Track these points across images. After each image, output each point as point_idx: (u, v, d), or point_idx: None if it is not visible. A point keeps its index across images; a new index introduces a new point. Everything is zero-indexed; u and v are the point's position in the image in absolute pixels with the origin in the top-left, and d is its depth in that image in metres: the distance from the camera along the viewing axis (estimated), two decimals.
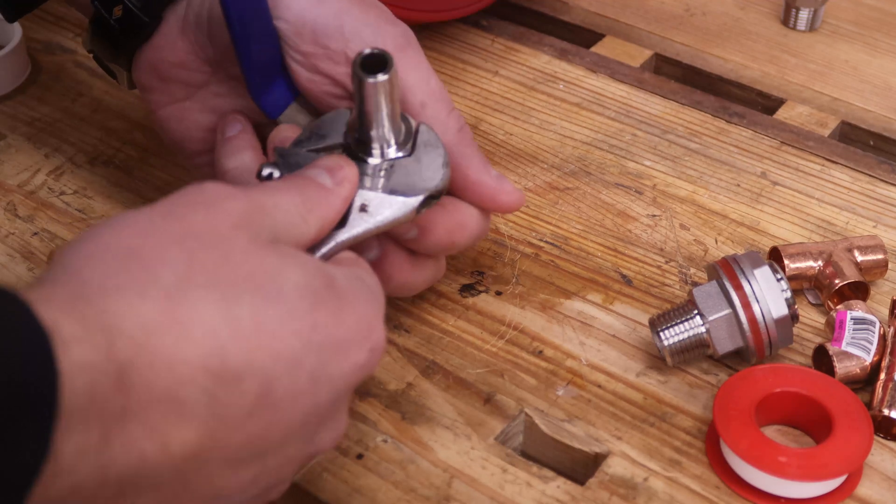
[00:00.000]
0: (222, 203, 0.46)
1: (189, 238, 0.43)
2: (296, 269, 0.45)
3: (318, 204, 0.50)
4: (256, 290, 0.43)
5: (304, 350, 0.44)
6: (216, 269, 0.43)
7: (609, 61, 0.84)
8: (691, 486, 0.56)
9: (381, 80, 0.52)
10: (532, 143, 0.77)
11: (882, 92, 0.82)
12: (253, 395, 0.43)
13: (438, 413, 0.59)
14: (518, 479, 0.56)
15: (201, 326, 0.42)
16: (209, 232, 0.44)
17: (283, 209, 0.48)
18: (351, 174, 0.52)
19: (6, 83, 0.80)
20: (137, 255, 0.42)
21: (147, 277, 0.42)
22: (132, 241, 0.43)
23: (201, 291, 0.42)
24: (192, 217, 0.45)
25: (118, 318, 0.40)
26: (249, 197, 0.47)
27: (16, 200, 0.72)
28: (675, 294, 0.66)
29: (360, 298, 0.47)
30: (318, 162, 0.53)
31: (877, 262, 0.66)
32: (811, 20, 0.88)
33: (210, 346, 0.41)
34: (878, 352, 0.60)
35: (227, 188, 0.47)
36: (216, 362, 0.41)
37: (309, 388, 0.45)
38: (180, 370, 0.41)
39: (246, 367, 0.42)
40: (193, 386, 0.41)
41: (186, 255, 0.43)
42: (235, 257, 0.44)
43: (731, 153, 0.76)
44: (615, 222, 0.71)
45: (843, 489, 0.56)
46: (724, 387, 0.58)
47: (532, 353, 0.63)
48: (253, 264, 0.44)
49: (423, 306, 0.65)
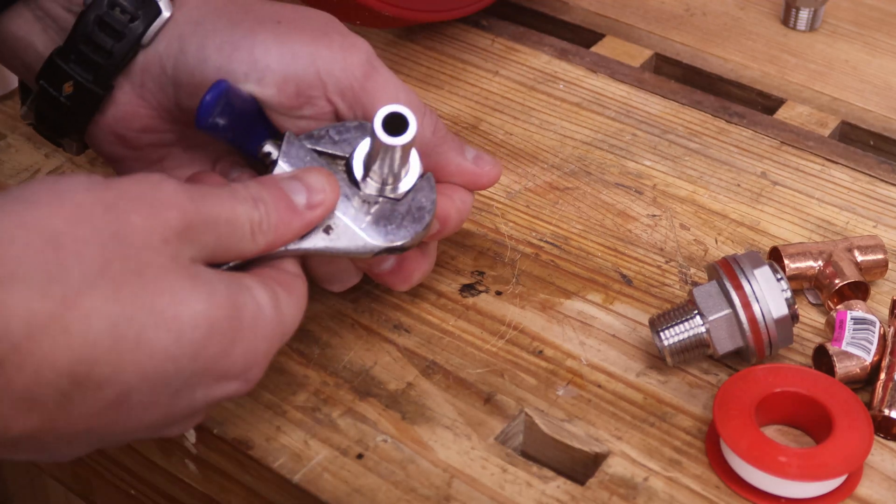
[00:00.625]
0: (166, 211, 0.46)
1: (114, 241, 0.44)
2: (202, 300, 0.46)
3: (275, 227, 0.51)
4: (154, 312, 0.44)
5: (174, 375, 0.46)
6: (123, 283, 0.44)
7: (609, 61, 0.84)
8: (691, 486, 0.56)
9: (401, 143, 0.53)
10: (532, 143, 0.77)
11: (882, 92, 0.82)
12: (107, 401, 0.44)
13: (438, 413, 0.59)
14: (518, 479, 0.56)
15: (83, 335, 0.43)
16: (136, 240, 0.45)
17: (235, 225, 0.49)
18: (328, 201, 0.53)
19: (6, 83, 0.80)
20: (58, 244, 0.43)
21: (56, 271, 0.43)
22: (62, 225, 0.44)
23: (99, 300, 0.43)
24: (130, 218, 0.45)
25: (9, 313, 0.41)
26: (198, 210, 0.47)
27: None
28: (675, 294, 0.66)
29: (257, 332, 0.48)
30: (303, 175, 0.53)
31: (877, 262, 0.66)
32: (811, 20, 0.88)
33: (84, 354, 0.43)
34: (878, 352, 0.60)
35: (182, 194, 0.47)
36: (83, 369, 0.43)
37: (167, 403, 0.46)
38: (45, 374, 0.42)
39: (109, 379, 0.44)
40: (52, 388, 0.43)
41: (102, 259, 0.44)
42: (148, 275, 0.45)
43: (731, 153, 0.76)
44: (615, 222, 0.71)
45: (843, 489, 0.56)
46: (724, 387, 0.58)
47: (532, 353, 0.63)
48: (161, 286, 0.45)
49: (423, 306, 0.65)
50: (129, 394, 0.45)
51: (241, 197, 0.50)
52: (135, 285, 0.44)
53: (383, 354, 0.62)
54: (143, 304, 0.44)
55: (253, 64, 0.57)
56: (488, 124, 0.78)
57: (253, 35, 0.57)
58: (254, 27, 0.58)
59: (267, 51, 0.57)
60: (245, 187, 0.50)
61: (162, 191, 0.47)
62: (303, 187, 0.52)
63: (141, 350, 0.44)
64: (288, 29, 0.58)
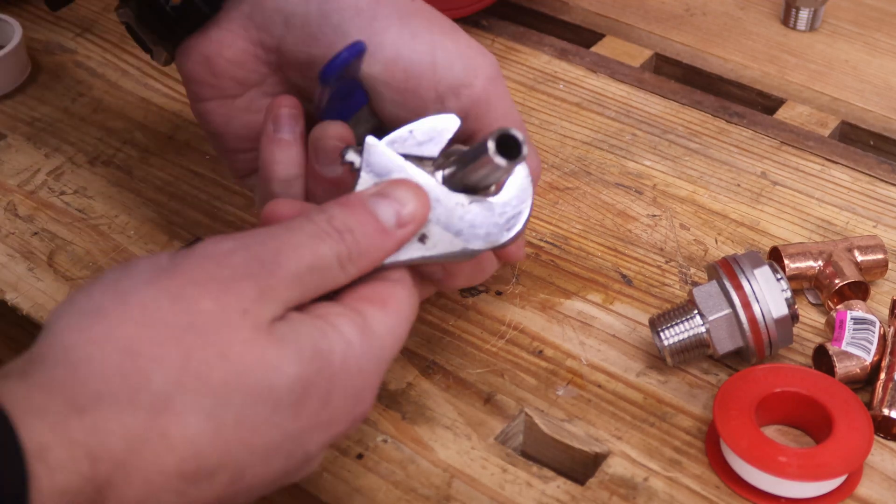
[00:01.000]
0: (238, 285, 0.44)
1: (190, 333, 0.43)
2: (291, 362, 0.44)
3: (366, 252, 0.48)
4: (247, 390, 0.43)
5: (282, 439, 0.45)
6: (210, 371, 0.43)
7: (609, 61, 0.84)
8: (691, 486, 0.56)
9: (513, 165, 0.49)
10: (532, 143, 0.77)
11: (882, 92, 0.82)
12: (222, 486, 0.44)
13: (438, 413, 0.59)
14: (518, 479, 0.56)
15: (183, 435, 0.42)
16: (212, 325, 0.43)
17: (320, 266, 0.46)
18: (419, 216, 0.50)
19: (6, 83, 0.80)
20: (135, 353, 0.42)
21: (140, 381, 0.42)
22: (133, 332, 0.42)
23: (190, 398, 0.42)
24: (201, 305, 0.44)
25: (105, 434, 0.41)
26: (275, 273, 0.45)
27: (16, 200, 0.72)
28: (675, 294, 0.66)
29: (351, 372, 0.46)
30: (390, 190, 0.50)
31: (877, 262, 0.66)
32: (811, 20, 0.88)
33: (188, 451, 0.42)
34: (878, 352, 0.60)
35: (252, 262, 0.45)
36: (191, 466, 0.42)
37: (282, 464, 0.46)
38: (155, 481, 0.42)
39: (219, 465, 0.43)
40: (166, 491, 0.42)
41: (182, 356, 0.42)
42: (233, 353, 0.43)
43: (731, 153, 0.76)
44: (615, 222, 0.71)
45: (843, 489, 0.56)
46: (724, 387, 0.58)
47: (532, 353, 0.63)
48: (249, 361, 0.44)
49: (423, 306, 0.65)
50: (242, 471, 0.44)
51: (324, 233, 0.47)
52: (222, 370, 0.43)
53: None
54: (235, 386, 0.43)
55: (369, 34, 0.55)
56: None
57: (378, 6, 0.56)
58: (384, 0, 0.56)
59: (388, 25, 0.55)
60: (328, 218, 0.47)
61: (229, 266, 0.45)
62: (391, 204, 0.49)
63: (243, 429, 0.43)
64: (419, 12, 0.57)
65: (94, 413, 0.41)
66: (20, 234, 0.69)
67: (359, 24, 0.55)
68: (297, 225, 0.47)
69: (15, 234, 0.69)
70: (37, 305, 0.65)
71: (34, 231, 0.70)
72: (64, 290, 0.66)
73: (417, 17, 0.56)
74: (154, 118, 0.78)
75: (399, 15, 0.56)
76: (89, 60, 0.83)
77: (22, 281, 0.66)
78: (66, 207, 0.71)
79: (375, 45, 0.55)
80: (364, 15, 0.56)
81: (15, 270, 0.67)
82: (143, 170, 0.74)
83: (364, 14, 0.56)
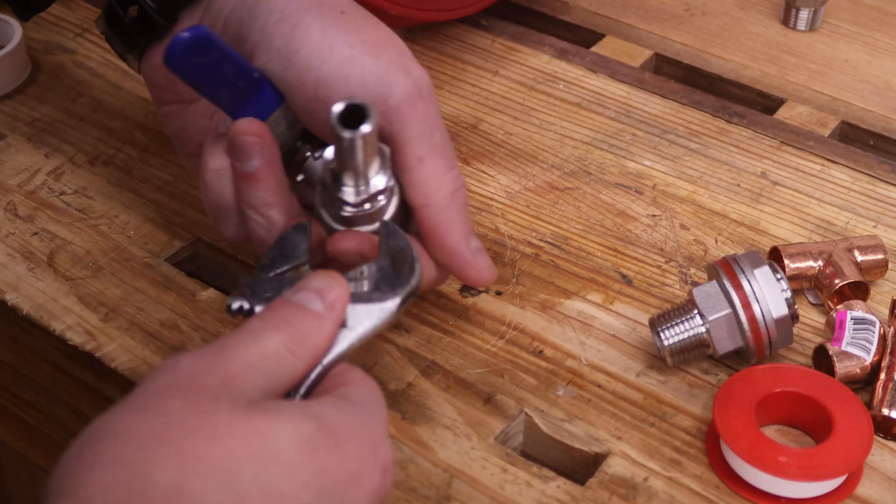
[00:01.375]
0: (196, 381, 0.44)
1: (171, 428, 0.42)
2: (285, 424, 0.44)
3: (308, 336, 0.48)
4: (254, 458, 0.43)
5: (316, 499, 0.44)
6: (208, 452, 0.42)
7: (609, 61, 0.84)
8: (691, 486, 0.56)
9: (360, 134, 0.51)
10: (532, 143, 0.77)
11: (882, 92, 0.82)
12: None
13: (438, 413, 0.59)
14: (518, 479, 0.56)
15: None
16: (189, 415, 0.43)
17: (269, 356, 0.47)
18: (342, 294, 0.50)
19: (6, 83, 0.80)
20: (126, 464, 0.41)
21: (143, 484, 0.41)
22: (115, 451, 0.42)
23: (199, 481, 0.41)
24: (169, 406, 0.43)
25: None
26: (228, 364, 0.45)
27: (16, 200, 0.72)
28: (675, 294, 0.66)
29: (354, 427, 0.46)
30: (306, 284, 0.50)
31: (877, 262, 0.66)
32: (811, 20, 0.88)
33: None
34: (878, 352, 0.60)
35: (200, 362, 0.45)
36: None
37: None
38: None
39: None
40: None
41: (174, 448, 0.42)
42: (222, 432, 0.43)
43: (731, 153, 0.76)
44: (615, 222, 0.71)
45: (843, 489, 0.56)
46: (724, 387, 0.58)
47: (532, 353, 0.63)
48: (242, 433, 0.43)
49: (423, 306, 0.65)
50: None
51: (262, 330, 0.47)
52: (219, 448, 0.42)
53: (383, 354, 0.62)
54: (240, 457, 0.42)
55: (288, 42, 0.56)
56: (488, 124, 0.78)
57: (303, 13, 0.56)
58: (311, 7, 0.57)
59: (307, 34, 0.56)
60: (261, 320, 0.48)
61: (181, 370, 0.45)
62: (314, 294, 0.50)
63: (272, 496, 0.42)
64: (344, 22, 0.57)
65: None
66: (20, 234, 0.69)
67: (281, 30, 0.56)
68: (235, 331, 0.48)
69: (15, 234, 0.69)
70: (37, 305, 0.65)
71: (34, 231, 0.70)
72: (64, 290, 0.66)
73: (341, 30, 0.56)
74: (154, 118, 0.78)
75: (322, 25, 0.56)
76: (89, 60, 0.83)
77: (22, 281, 0.66)
78: (66, 207, 0.71)
79: (292, 51, 0.56)
80: (288, 21, 0.56)
81: (15, 270, 0.67)
82: (143, 170, 0.74)
83: (288, 20, 0.56)
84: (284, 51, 0.56)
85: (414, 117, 0.56)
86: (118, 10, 0.61)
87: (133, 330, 0.63)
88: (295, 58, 0.56)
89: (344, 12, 0.57)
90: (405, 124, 0.56)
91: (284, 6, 0.57)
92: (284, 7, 0.57)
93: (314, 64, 0.56)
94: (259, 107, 0.58)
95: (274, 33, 0.56)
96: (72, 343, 0.63)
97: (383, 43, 0.57)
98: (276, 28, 0.56)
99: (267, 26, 0.57)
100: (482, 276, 0.58)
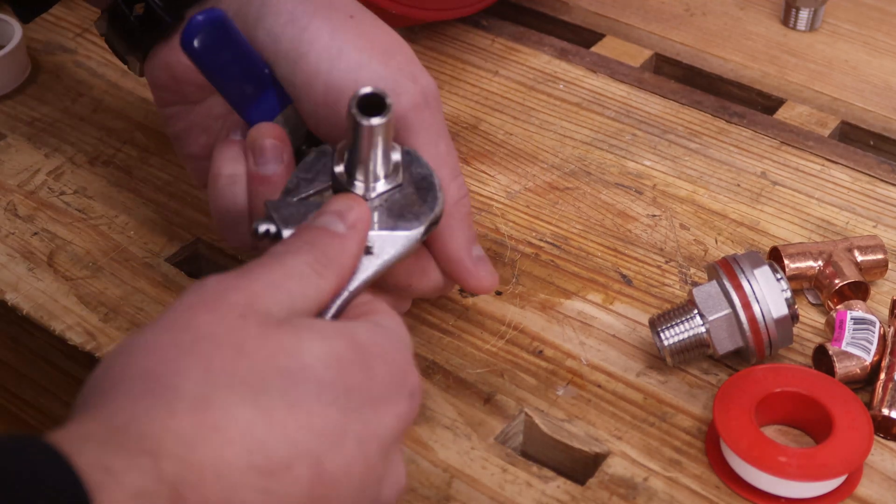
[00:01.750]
0: (224, 298, 0.45)
1: (199, 343, 0.43)
2: (314, 341, 0.44)
3: (333, 256, 0.49)
4: (280, 373, 0.43)
5: (343, 418, 0.44)
6: (235, 366, 0.42)
7: (609, 61, 0.84)
8: (691, 486, 0.56)
9: (376, 123, 0.51)
10: (532, 143, 0.77)
11: (882, 92, 0.82)
12: (306, 479, 0.42)
13: (438, 413, 0.59)
14: (518, 479, 0.56)
15: (236, 427, 0.41)
16: (217, 330, 0.43)
17: (296, 275, 0.47)
18: (363, 214, 0.51)
19: (6, 83, 0.80)
20: (153, 375, 0.42)
21: (170, 393, 0.41)
22: (144, 364, 0.42)
23: (226, 392, 0.42)
24: (197, 321, 0.44)
25: (156, 439, 0.40)
26: (256, 281, 0.46)
27: (16, 200, 0.72)
28: (675, 294, 0.66)
29: (385, 348, 0.46)
30: (326, 207, 0.51)
31: (877, 262, 0.66)
32: (811, 20, 0.88)
33: (250, 443, 0.41)
34: (878, 352, 0.60)
35: (226, 280, 0.46)
36: (260, 458, 0.41)
37: (358, 452, 0.44)
38: (229, 476, 0.41)
39: (291, 454, 0.42)
40: (245, 488, 0.41)
41: (202, 361, 0.42)
42: (250, 347, 0.43)
43: (731, 153, 0.76)
44: (615, 222, 0.71)
45: (843, 489, 0.56)
46: (724, 387, 0.58)
47: (532, 353, 0.63)
48: (270, 349, 0.43)
49: (423, 306, 0.65)
50: (319, 461, 0.43)
51: (287, 252, 0.48)
52: (246, 362, 0.43)
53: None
54: (267, 372, 0.43)
55: (297, 45, 0.56)
56: (488, 124, 0.78)
57: (313, 16, 0.56)
58: (320, 9, 0.57)
59: (315, 38, 0.56)
60: (284, 244, 0.49)
61: (209, 289, 0.45)
62: (334, 217, 0.50)
63: (298, 412, 0.43)
64: (353, 27, 0.57)
65: (136, 426, 0.40)
66: (20, 234, 0.69)
67: (289, 33, 0.56)
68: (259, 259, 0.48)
69: (15, 234, 0.69)
70: (37, 306, 0.65)
71: (34, 231, 0.70)
72: (64, 290, 0.66)
73: (350, 34, 0.56)
74: (154, 118, 0.78)
75: (331, 29, 0.56)
76: (89, 60, 0.83)
77: (22, 281, 0.66)
78: (66, 207, 0.71)
79: (301, 55, 0.56)
80: (296, 24, 0.56)
81: (15, 270, 0.67)
82: (143, 170, 0.74)
83: (296, 23, 0.56)
84: (293, 53, 0.56)
85: (420, 126, 0.56)
86: (124, 9, 0.60)
87: (133, 330, 0.63)
88: (303, 61, 0.56)
89: (353, 17, 0.57)
90: (410, 133, 0.56)
91: (293, 9, 0.57)
92: (293, 10, 0.56)
93: (323, 68, 0.56)
94: (267, 106, 0.58)
95: (282, 35, 0.56)
96: (72, 343, 0.63)
97: (392, 49, 0.57)
98: (284, 30, 0.56)
99: (274, 28, 0.56)
100: (482, 285, 0.59)
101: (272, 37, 0.57)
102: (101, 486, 0.38)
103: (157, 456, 0.40)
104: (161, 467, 0.40)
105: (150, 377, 0.42)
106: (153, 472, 0.39)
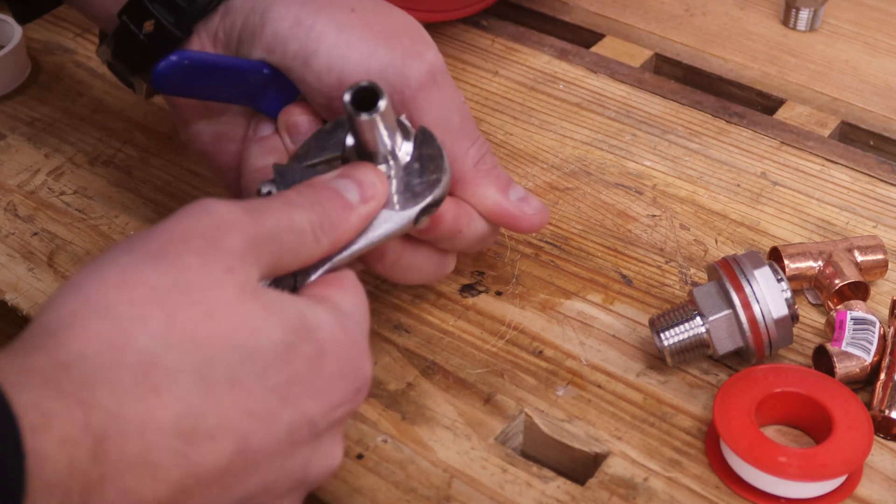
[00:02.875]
0: (222, 238, 0.45)
1: (173, 291, 0.43)
2: (276, 326, 0.45)
3: (335, 225, 0.50)
4: (234, 349, 0.43)
5: (279, 404, 0.45)
6: (195, 329, 0.43)
7: (609, 61, 0.84)
8: (691, 486, 0.56)
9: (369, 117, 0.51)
10: (532, 143, 0.77)
11: (882, 92, 0.82)
12: (227, 453, 0.43)
13: (438, 413, 0.59)
14: (518, 479, 0.56)
15: (174, 391, 0.42)
16: (198, 281, 0.44)
17: (296, 230, 0.48)
18: (381, 192, 0.52)
19: (6, 83, 0.80)
20: (115, 316, 0.42)
21: (124, 341, 0.42)
22: (112, 297, 0.43)
23: (176, 354, 0.42)
24: (185, 261, 0.44)
25: (94, 388, 0.41)
26: (259, 223, 0.46)
27: (16, 200, 0.72)
28: (675, 294, 0.66)
29: (342, 343, 0.47)
30: (350, 171, 0.52)
31: (877, 262, 0.66)
32: (811, 20, 0.88)
33: (182, 409, 0.42)
34: (878, 352, 0.60)
35: (236, 212, 0.46)
36: (188, 425, 0.42)
37: (286, 437, 0.45)
38: (151, 436, 0.41)
39: (219, 427, 0.43)
40: (165, 450, 0.42)
41: (167, 313, 0.43)
42: (219, 314, 0.44)
43: (731, 153, 0.76)
44: (615, 222, 0.71)
45: (843, 489, 0.56)
46: (724, 387, 0.58)
47: (532, 353, 0.63)
48: (234, 320, 0.44)
49: (423, 306, 0.65)
50: (246, 439, 0.43)
51: (297, 203, 0.49)
52: (208, 329, 0.43)
53: (383, 354, 0.62)
54: (222, 344, 0.43)
55: (305, 44, 0.57)
56: (488, 124, 0.78)
57: (317, 15, 0.57)
58: (323, 8, 0.58)
59: (323, 35, 0.57)
60: (299, 193, 0.50)
61: (214, 216, 0.45)
62: (354, 184, 0.51)
63: (236, 390, 0.43)
64: (357, 19, 0.58)
65: (80, 368, 0.41)
66: (20, 235, 0.69)
67: (296, 34, 0.57)
68: (272, 196, 0.50)
69: (15, 234, 0.69)
70: (37, 306, 0.65)
71: (34, 231, 0.70)
72: None
73: (356, 26, 0.57)
74: (154, 118, 0.78)
75: (337, 25, 0.57)
76: (89, 60, 0.83)
77: (22, 281, 0.66)
78: (66, 208, 0.71)
79: (310, 53, 0.57)
80: (302, 25, 0.57)
81: (15, 270, 0.67)
82: (143, 170, 0.74)
83: (302, 24, 0.57)
84: (302, 53, 0.57)
85: (429, 104, 0.57)
86: (132, 28, 0.60)
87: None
88: (314, 60, 0.57)
89: (354, 10, 0.58)
90: (422, 112, 0.57)
91: (296, 11, 0.57)
92: (297, 12, 0.57)
93: (335, 64, 0.57)
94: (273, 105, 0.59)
95: (288, 37, 0.57)
96: None
97: (396, 31, 0.58)
98: (291, 32, 0.57)
99: (280, 31, 0.57)
100: (533, 223, 0.60)
101: (278, 39, 0.57)
102: (35, 429, 0.39)
103: (89, 405, 0.40)
104: (90, 417, 0.40)
105: (112, 314, 0.42)
106: (82, 420, 0.40)
